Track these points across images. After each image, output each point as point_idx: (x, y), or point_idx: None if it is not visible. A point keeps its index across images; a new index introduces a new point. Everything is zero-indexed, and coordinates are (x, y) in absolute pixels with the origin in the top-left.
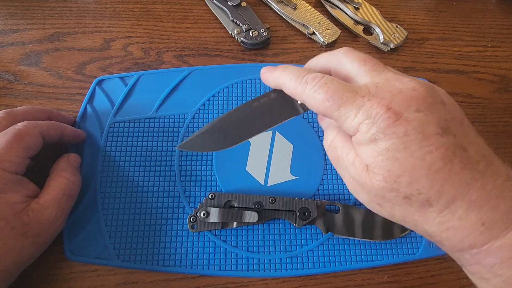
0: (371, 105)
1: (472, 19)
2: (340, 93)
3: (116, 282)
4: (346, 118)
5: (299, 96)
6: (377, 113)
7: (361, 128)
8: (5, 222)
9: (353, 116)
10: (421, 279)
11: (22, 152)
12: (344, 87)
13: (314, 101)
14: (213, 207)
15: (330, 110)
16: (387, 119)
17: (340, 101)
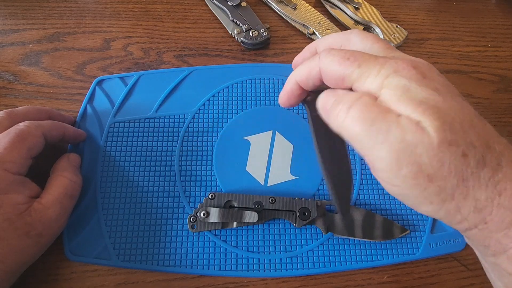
0: (396, 62)
1: (472, 19)
2: (359, 53)
3: (116, 282)
4: (368, 75)
5: (314, 69)
6: (403, 68)
7: (387, 83)
8: (9, 223)
9: (376, 71)
10: (421, 279)
11: (25, 153)
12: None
13: (332, 64)
14: (213, 207)
15: (350, 69)
16: (416, 74)
17: (361, 59)
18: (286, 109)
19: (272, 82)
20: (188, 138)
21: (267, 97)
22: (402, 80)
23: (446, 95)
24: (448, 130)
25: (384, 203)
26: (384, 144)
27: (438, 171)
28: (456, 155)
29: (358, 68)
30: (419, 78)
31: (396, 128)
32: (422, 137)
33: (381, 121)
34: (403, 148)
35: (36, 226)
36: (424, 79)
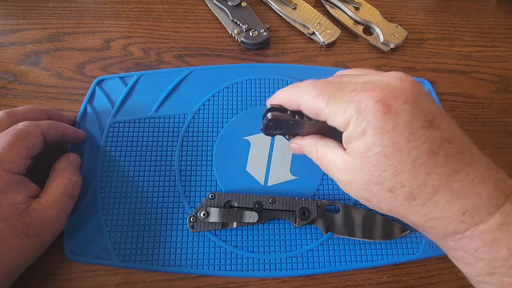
0: (360, 99)
1: (472, 19)
2: (328, 89)
3: (116, 282)
4: (336, 114)
5: (295, 99)
6: (366, 106)
7: (351, 123)
8: (8, 223)
9: (343, 111)
10: (421, 279)
11: (24, 153)
12: (333, 84)
13: (307, 98)
14: (213, 207)
15: (320, 106)
16: (377, 112)
17: (329, 97)
18: None
19: (272, 82)
20: (188, 138)
21: (267, 97)
22: (362, 123)
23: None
24: (376, 174)
25: None
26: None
27: (370, 198)
28: (382, 190)
29: (327, 106)
30: (379, 116)
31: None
32: (354, 176)
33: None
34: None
35: (35, 226)
36: (384, 115)
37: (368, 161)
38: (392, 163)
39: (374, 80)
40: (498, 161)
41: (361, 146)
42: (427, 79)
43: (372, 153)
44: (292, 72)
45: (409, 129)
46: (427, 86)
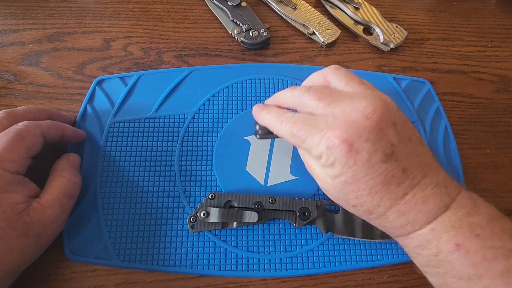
0: (328, 138)
1: (472, 19)
2: (304, 128)
3: (116, 282)
4: (311, 149)
5: (277, 132)
6: (333, 144)
7: (323, 155)
8: (7, 222)
9: (315, 147)
10: (421, 279)
11: (24, 152)
12: (308, 122)
13: (287, 136)
14: (213, 207)
15: (298, 142)
16: (341, 150)
17: (304, 135)
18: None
19: (272, 82)
20: (188, 138)
21: (267, 97)
22: (331, 158)
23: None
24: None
25: None
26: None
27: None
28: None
29: (303, 144)
30: (344, 153)
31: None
32: (327, 188)
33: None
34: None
35: (35, 226)
36: (347, 153)
37: (337, 185)
38: (354, 189)
39: (343, 115)
40: (498, 161)
41: (331, 173)
42: (427, 79)
43: (339, 180)
44: (292, 72)
45: (367, 163)
46: (427, 86)
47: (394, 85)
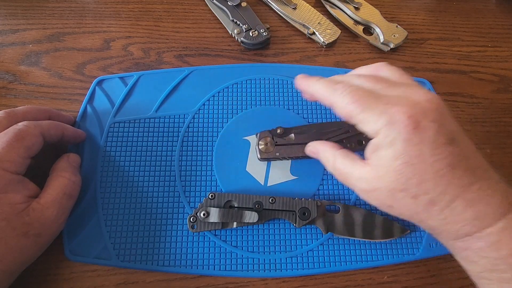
0: (393, 112)
1: (472, 19)
2: (365, 98)
3: (116, 282)
4: (368, 121)
5: (328, 100)
6: (398, 119)
7: (381, 132)
8: (6, 222)
9: (375, 119)
10: (421, 279)
11: (23, 152)
12: (369, 93)
13: (341, 103)
14: (213, 207)
15: (354, 112)
16: (408, 125)
17: (364, 105)
18: (286, 109)
19: (272, 82)
20: (188, 138)
21: (267, 97)
22: (392, 133)
23: (426, 146)
24: (401, 182)
25: None
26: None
27: (393, 204)
28: (406, 196)
29: (361, 113)
30: (410, 130)
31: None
32: (378, 184)
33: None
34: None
35: (35, 226)
36: (414, 130)
37: (395, 169)
38: (417, 172)
39: (406, 96)
40: (498, 161)
41: (389, 154)
42: (427, 79)
43: (399, 162)
44: (292, 72)
45: (434, 144)
46: (427, 86)
47: None
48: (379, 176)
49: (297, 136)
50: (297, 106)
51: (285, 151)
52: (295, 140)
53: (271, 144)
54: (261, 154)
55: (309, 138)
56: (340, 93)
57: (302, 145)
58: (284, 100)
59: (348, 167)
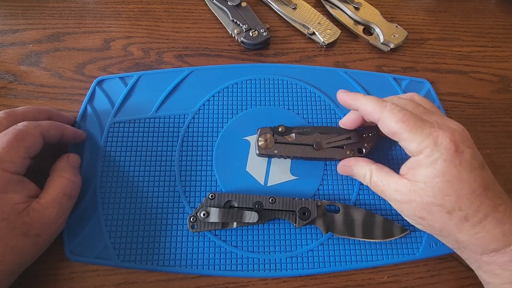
0: (438, 135)
1: (472, 19)
2: (413, 119)
3: (116, 282)
4: (413, 141)
5: (377, 113)
6: (442, 142)
7: (424, 152)
8: (7, 222)
9: (420, 140)
10: (421, 279)
11: (23, 152)
12: (415, 116)
13: (390, 120)
14: (213, 207)
15: (401, 130)
16: (450, 148)
17: (412, 125)
18: (286, 109)
19: (272, 82)
20: (188, 138)
21: (267, 97)
22: (435, 154)
23: (464, 168)
24: (439, 198)
25: (384, 203)
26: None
27: (426, 217)
28: (441, 211)
29: (408, 132)
30: (451, 152)
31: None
32: (415, 197)
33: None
34: (402, 203)
35: (34, 226)
36: (454, 153)
37: (435, 186)
38: (455, 190)
39: (444, 123)
40: (498, 161)
41: (429, 172)
42: (427, 79)
43: (440, 179)
44: (292, 72)
45: (470, 166)
46: (427, 86)
47: (394, 85)
48: (415, 190)
49: (298, 136)
50: (297, 106)
51: (284, 149)
52: (295, 140)
53: (270, 141)
54: (259, 150)
55: (309, 140)
56: (390, 110)
57: (301, 145)
58: (284, 100)
59: (385, 180)
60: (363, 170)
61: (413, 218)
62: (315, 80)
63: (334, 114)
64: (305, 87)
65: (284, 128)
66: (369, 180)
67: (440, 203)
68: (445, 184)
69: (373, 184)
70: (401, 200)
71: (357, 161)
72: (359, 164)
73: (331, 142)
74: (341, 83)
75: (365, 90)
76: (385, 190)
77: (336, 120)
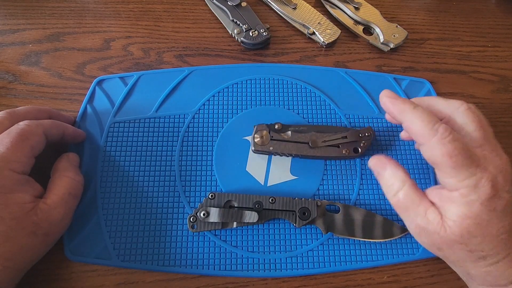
0: (481, 177)
1: (472, 19)
2: (463, 155)
3: (116, 282)
4: (454, 177)
5: (425, 139)
6: (483, 185)
7: (462, 190)
8: (16, 222)
9: (462, 178)
10: (421, 279)
11: (28, 152)
12: (466, 151)
13: (439, 151)
14: (213, 207)
15: (446, 164)
16: (488, 194)
17: (461, 162)
18: (286, 109)
19: (272, 82)
20: (188, 138)
21: (267, 97)
22: (473, 196)
23: (498, 215)
24: (465, 238)
25: (384, 203)
26: (411, 223)
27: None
28: (463, 249)
29: (452, 169)
30: (489, 197)
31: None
32: (440, 230)
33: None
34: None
35: (43, 226)
36: (492, 198)
37: (464, 226)
38: (482, 233)
39: (491, 159)
40: None
41: (461, 212)
42: (427, 79)
43: (471, 222)
44: (292, 72)
45: (503, 212)
46: (427, 86)
47: (394, 85)
48: (443, 224)
49: (294, 134)
50: (297, 106)
51: (279, 146)
52: (291, 137)
53: (266, 138)
54: (255, 146)
55: (305, 138)
56: (441, 139)
57: (297, 143)
58: (284, 100)
59: (416, 201)
60: (395, 180)
61: (430, 248)
62: (315, 80)
63: (334, 114)
64: (305, 87)
65: (281, 126)
66: (395, 193)
67: (464, 242)
68: (475, 226)
69: (399, 200)
70: (424, 226)
71: (395, 165)
72: (395, 170)
73: (327, 141)
74: (341, 83)
75: (365, 90)
76: (411, 211)
77: (336, 120)
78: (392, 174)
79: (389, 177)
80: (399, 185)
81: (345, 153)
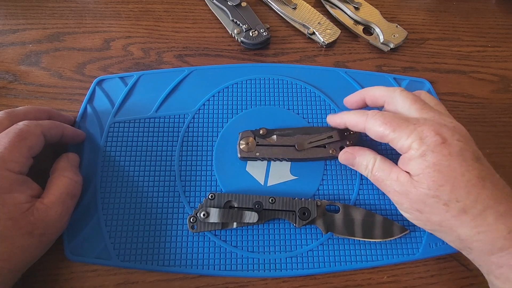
0: (422, 130)
1: (472, 19)
2: (395, 120)
3: (116, 282)
4: (400, 139)
5: (362, 123)
6: (427, 135)
7: (413, 146)
8: (12, 222)
9: (406, 136)
10: (421, 279)
11: (26, 152)
12: (398, 117)
13: (374, 126)
14: (213, 207)
15: (386, 132)
16: (436, 140)
17: (395, 125)
18: (286, 109)
19: (272, 82)
20: (188, 138)
21: (267, 97)
22: (423, 146)
23: (454, 158)
24: (434, 188)
25: (384, 203)
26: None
27: (423, 209)
28: (438, 203)
29: (393, 132)
30: (438, 143)
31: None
32: (411, 188)
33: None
34: (400, 194)
35: (39, 226)
36: (442, 144)
37: (428, 176)
38: (449, 180)
39: (435, 120)
40: (498, 161)
41: (420, 165)
42: (427, 79)
43: (431, 170)
44: (292, 72)
45: (461, 157)
46: (427, 86)
47: (394, 85)
48: (412, 181)
49: (279, 138)
50: (297, 106)
51: (265, 151)
52: (277, 142)
53: (252, 144)
54: (241, 153)
55: (291, 141)
56: (372, 117)
57: (283, 147)
58: (284, 100)
59: (387, 169)
60: (367, 159)
61: (410, 212)
62: (315, 80)
63: None
64: (305, 87)
65: (265, 131)
66: (371, 169)
67: (435, 194)
68: (436, 173)
69: (374, 174)
70: (399, 191)
71: (362, 150)
72: (363, 153)
73: (313, 142)
74: (341, 83)
75: None
76: (386, 180)
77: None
78: (362, 158)
79: (360, 161)
80: (371, 162)
81: (332, 153)
